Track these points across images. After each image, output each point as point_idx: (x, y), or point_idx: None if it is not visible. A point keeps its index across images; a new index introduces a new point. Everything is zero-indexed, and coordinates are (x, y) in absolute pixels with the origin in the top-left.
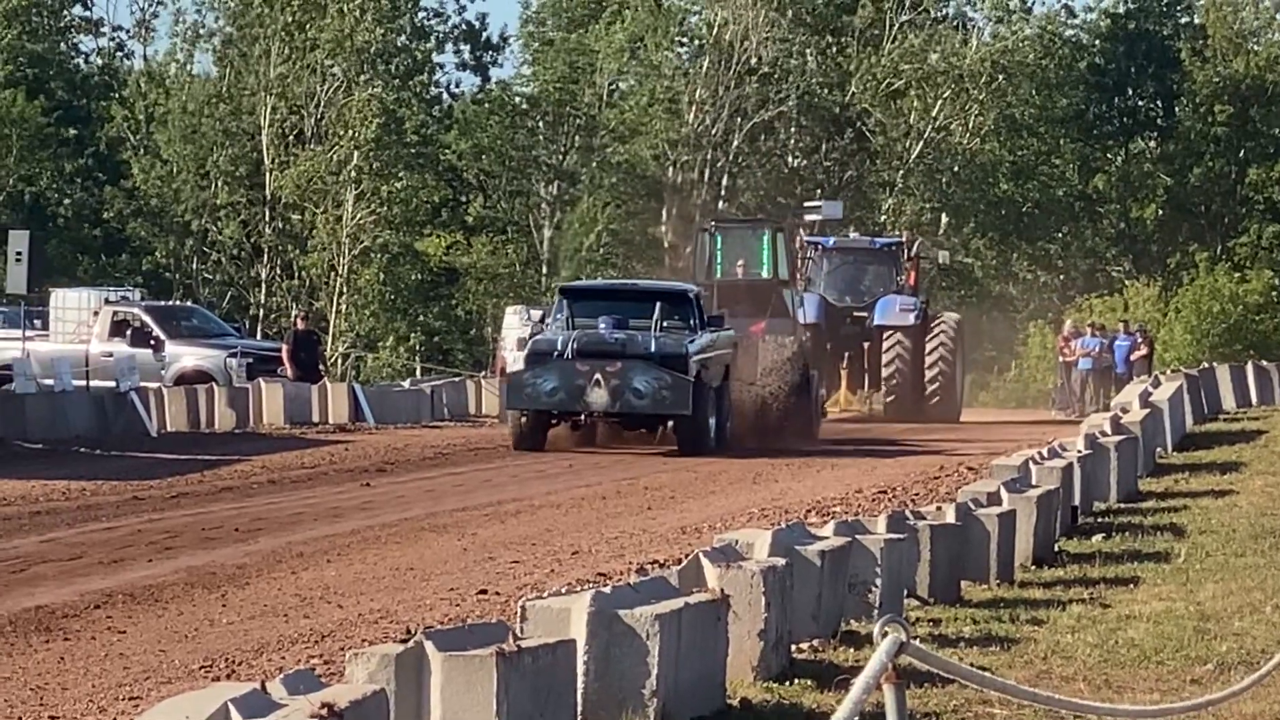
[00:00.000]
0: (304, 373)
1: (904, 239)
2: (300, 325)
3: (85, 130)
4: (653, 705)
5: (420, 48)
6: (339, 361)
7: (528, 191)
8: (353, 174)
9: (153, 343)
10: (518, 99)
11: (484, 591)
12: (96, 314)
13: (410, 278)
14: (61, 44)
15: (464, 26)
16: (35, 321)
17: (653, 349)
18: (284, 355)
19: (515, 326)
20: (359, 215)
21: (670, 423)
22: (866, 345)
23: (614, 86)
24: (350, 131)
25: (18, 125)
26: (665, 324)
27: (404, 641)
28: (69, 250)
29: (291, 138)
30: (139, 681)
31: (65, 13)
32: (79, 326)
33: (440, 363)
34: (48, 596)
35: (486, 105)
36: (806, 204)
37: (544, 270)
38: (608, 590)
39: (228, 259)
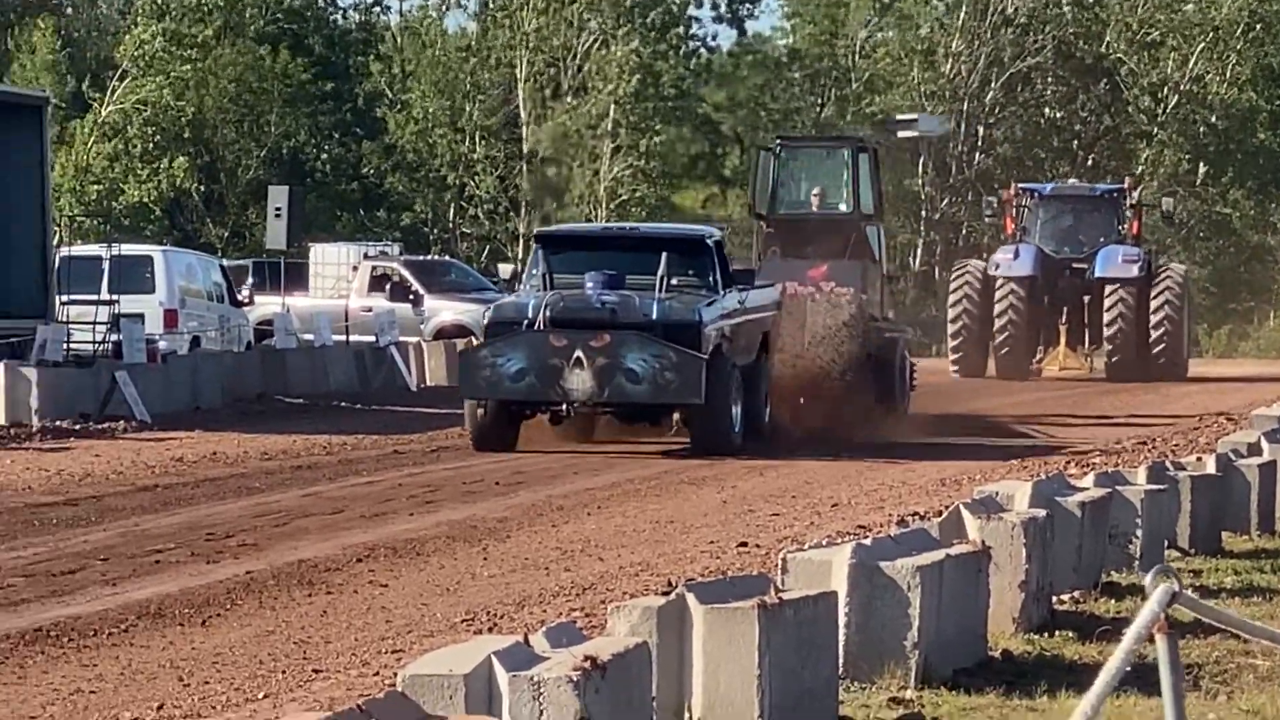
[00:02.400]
0: None
1: (1126, 185)
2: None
3: (343, 85)
4: (914, 657)
5: (676, 1)
6: None
7: None
8: (610, 127)
9: (412, 297)
10: (778, 51)
11: (744, 544)
12: (356, 269)
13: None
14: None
15: None
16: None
17: (654, 315)
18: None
19: None
20: (616, 169)
21: (678, 414)
22: (1087, 299)
23: (870, 38)
24: (609, 85)
25: (278, 81)
26: (674, 282)
27: (665, 594)
28: (328, 205)
29: (548, 92)
30: (401, 635)
31: None
32: (338, 282)
33: None
34: (310, 550)
35: (743, 58)
36: (900, 116)
37: None
38: (868, 542)
39: (485, 213)
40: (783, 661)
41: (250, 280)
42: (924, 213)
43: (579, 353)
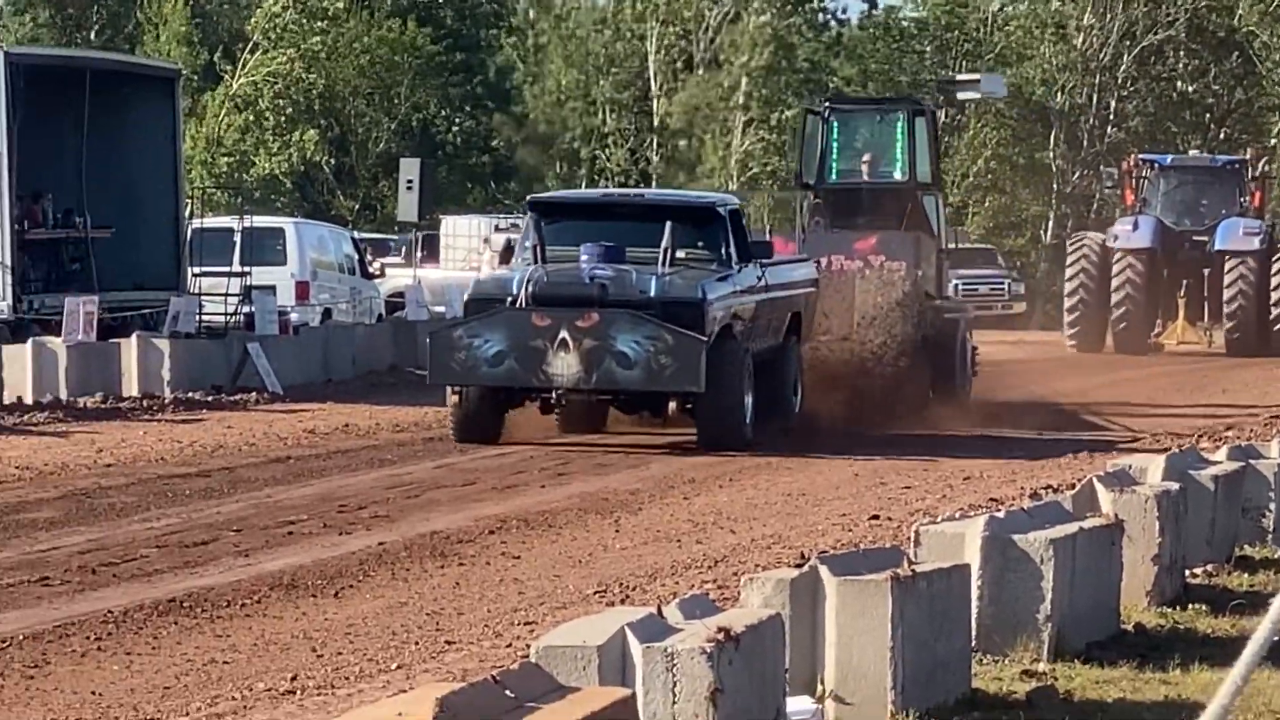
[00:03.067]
0: None
1: (1249, 156)
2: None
3: (474, 57)
4: (1047, 630)
5: None
6: None
7: None
8: (741, 100)
9: None
10: (905, 23)
11: (875, 517)
12: (486, 241)
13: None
14: None
15: None
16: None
17: (651, 292)
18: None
19: None
20: (748, 142)
21: (674, 403)
22: (1207, 272)
23: (1001, 10)
24: (741, 58)
25: (408, 53)
26: (681, 255)
27: (798, 567)
28: (458, 178)
29: (680, 64)
30: (533, 606)
31: None
32: (469, 254)
33: None
34: (442, 522)
35: (874, 30)
36: (960, 77)
37: None
38: (1001, 515)
39: (615, 185)
40: (916, 634)
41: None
42: (1055, 185)
43: (564, 334)
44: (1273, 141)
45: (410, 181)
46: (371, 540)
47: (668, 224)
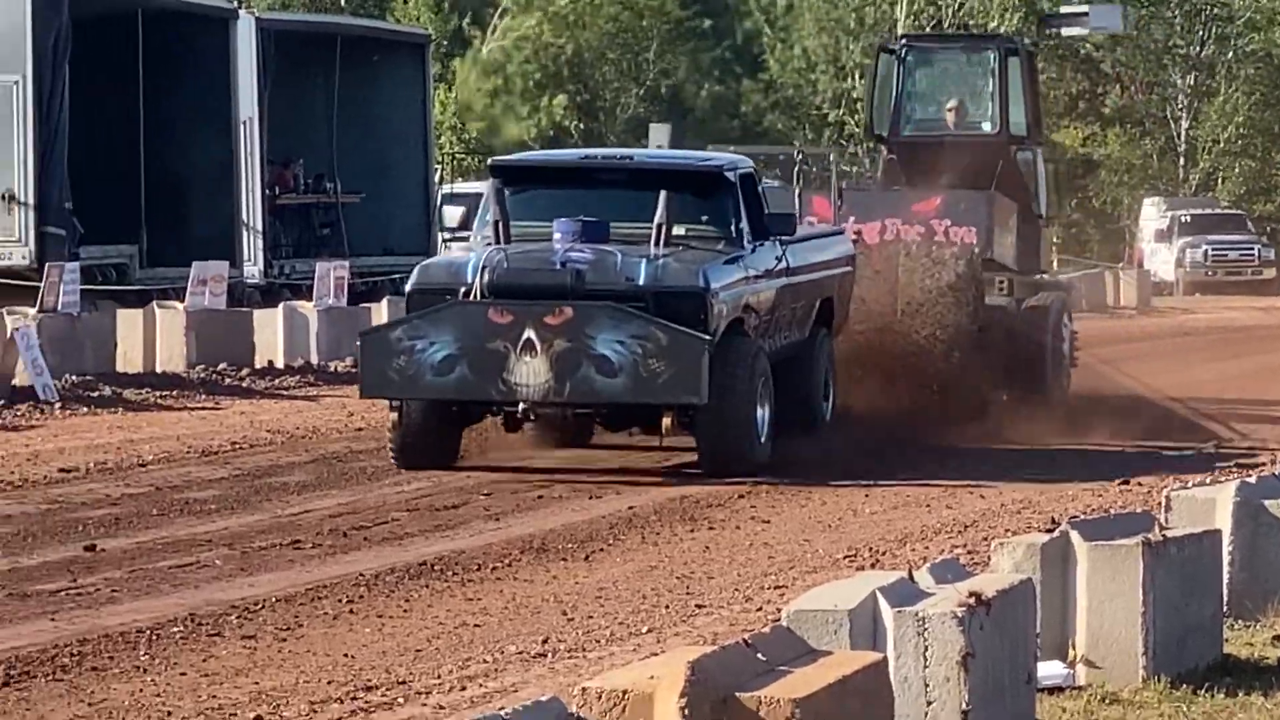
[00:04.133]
0: None
1: None
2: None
3: (722, 22)
4: None
5: None
6: None
7: (1165, 83)
8: None
9: None
10: None
11: (1126, 482)
12: None
13: (1048, 169)
14: None
15: None
16: None
17: (640, 280)
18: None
19: (1153, 218)
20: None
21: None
22: None
23: None
24: (990, 23)
25: (656, 17)
26: (681, 232)
27: (1049, 531)
28: (705, 143)
29: (929, 29)
30: (783, 570)
31: None
32: None
33: (1079, 254)
34: (693, 487)
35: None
36: (1065, 9)
37: (1180, 162)
38: (1253, 480)
39: (864, 151)
40: (1167, 598)
41: None
42: None
43: (529, 333)
44: None
45: (660, 147)
46: (621, 504)
47: (662, 193)
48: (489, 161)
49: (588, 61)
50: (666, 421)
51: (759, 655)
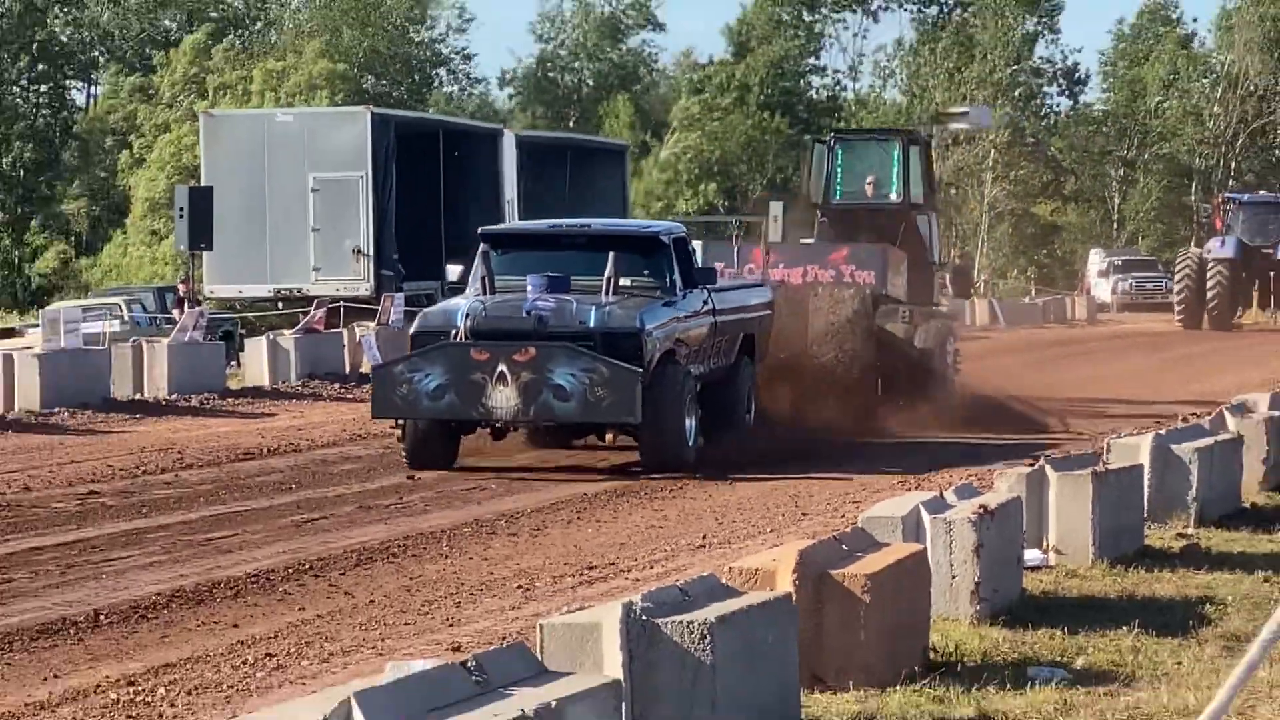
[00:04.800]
0: (959, 291)
1: None
2: (958, 261)
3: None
4: (1193, 508)
5: (1033, 83)
6: (982, 284)
7: (1103, 175)
8: (992, 164)
9: None
10: (1097, 112)
11: (1082, 434)
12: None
13: (1027, 231)
14: None
15: (1063, 68)
16: None
17: (590, 323)
18: (946, 280)
19: (1096, 262)
20: (995, 190)
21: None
22: (1272, 275)
23: (1159, 105)
24: (990, 136)
25: (774, 134)
26: (626, 283)
27: (1031, 466)
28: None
29: (950, 141)
30: (856, 492)
31: None
32: None
33: (1047, 285)
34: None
35: (1075, 117)
36: (951, 109)
37: (1114, 226)
38: (1164, 432)
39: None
40: (1107, 509)
41: None
42: (1194, 218)
43: (502, 367)
44: None
45: (775, 219)
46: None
47: (611, 254)
48: (480, 230)
49: (729, 161)
50: (610, 436)
51: (843, 546)
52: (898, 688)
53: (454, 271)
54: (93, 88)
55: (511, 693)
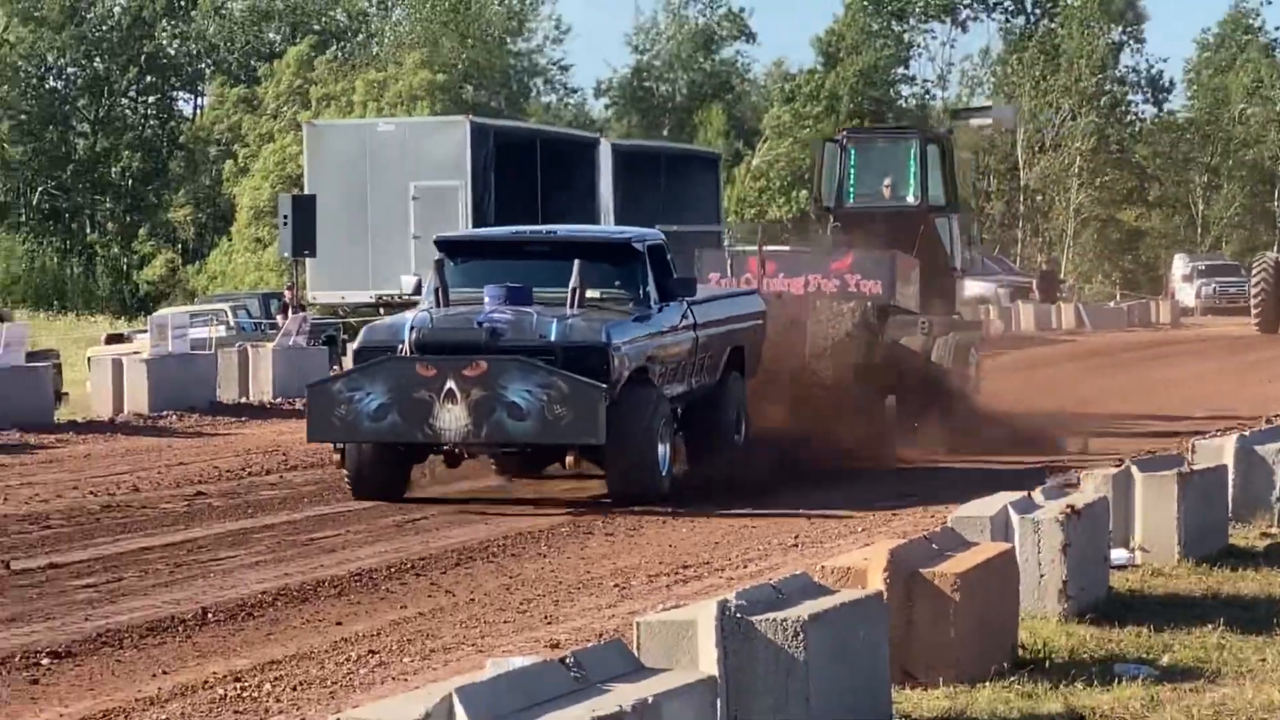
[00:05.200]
0: (1045, 296)
1: None
2: (1045, 266)
3: None
4: (1276, 508)
5: (1118, 91)
6: (1068, 289)
7: (1187, 181)
8: (1078, 171)
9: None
10: (1181, 120)
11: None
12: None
13: (1112, 236)
14: None
15: (1148, 76)
16: None
17: (551, 336)
18: (1033, 285)
19: (1180, 267)
20: (1080, 197)
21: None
22: None
23: (1244, 110)
24: (1075, 143)
25: None
26: (596, 295)
27: (1118, 467)
28: None
29: (1037, 148)
30: (942, 490)
31: None
32: None
33: (1132, 290)
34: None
35: (1159, 124)
36: (972, 105)
37: (1198, 232)
38: (1248, 433)
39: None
40: (1193, 509)
41: None
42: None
43: (450, 384)
44: None
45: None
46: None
47: (576, 262)
48: (435, 237)
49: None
50: (569, 459)
51: (933, 545)
52: (987, 684)
53: (408, 283)
54: (199, 99)
55: (609, 689)
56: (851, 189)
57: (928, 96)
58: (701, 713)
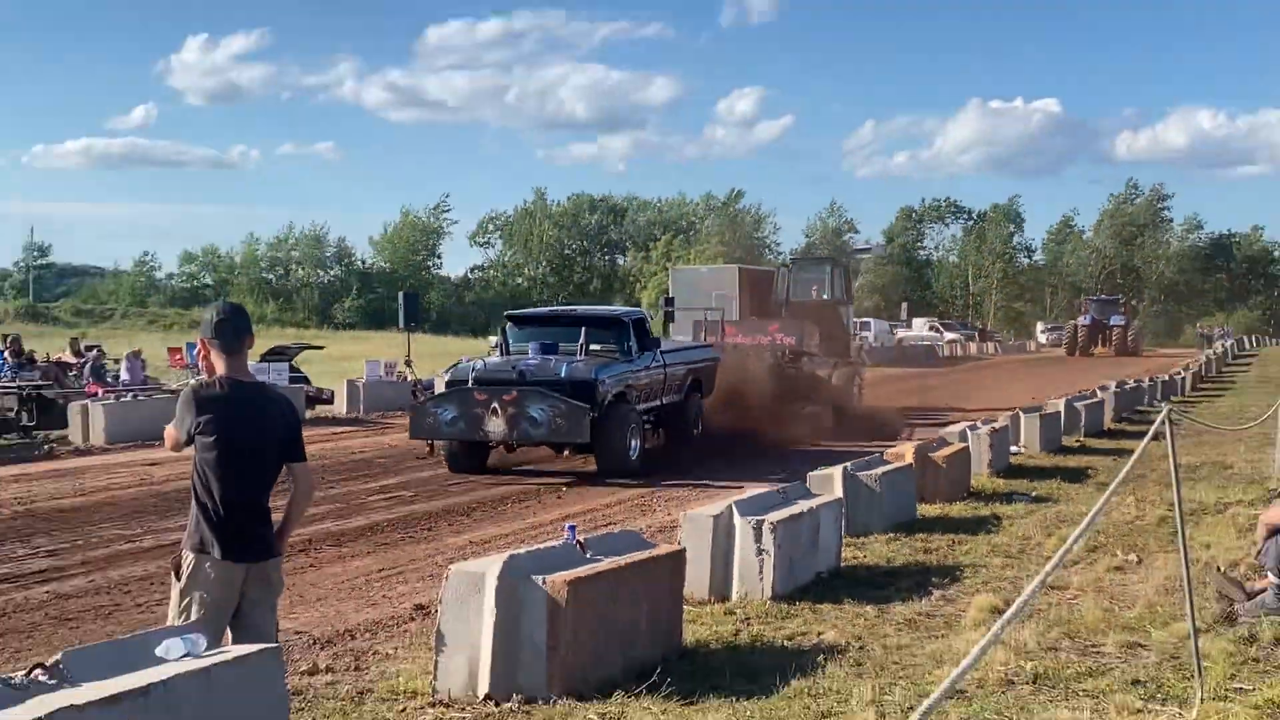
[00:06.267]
0: (984, 338)
1: None
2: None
3: None
4: (1083, 427)
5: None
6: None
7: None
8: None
9: None
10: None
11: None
12: None
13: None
14: None
15: None
16: None
17: (562, 375)
18: (978, 335)
19: (1040, 326)
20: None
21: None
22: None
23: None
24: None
25: None
26: (597, 348)
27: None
28: None
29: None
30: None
31: None
32: None
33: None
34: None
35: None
36: (863, 245)
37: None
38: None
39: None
40: (1048, 426)
41: None
42: None
43: (495, 405)
44: None
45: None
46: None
47: (582, 328)
48: (506, 313)
49: None
50: (566, 451)
51: (935, 442)
52: (958, 502)
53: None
54: None
55: (794, 503)
56: (791, 290)
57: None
58: (836, 517)
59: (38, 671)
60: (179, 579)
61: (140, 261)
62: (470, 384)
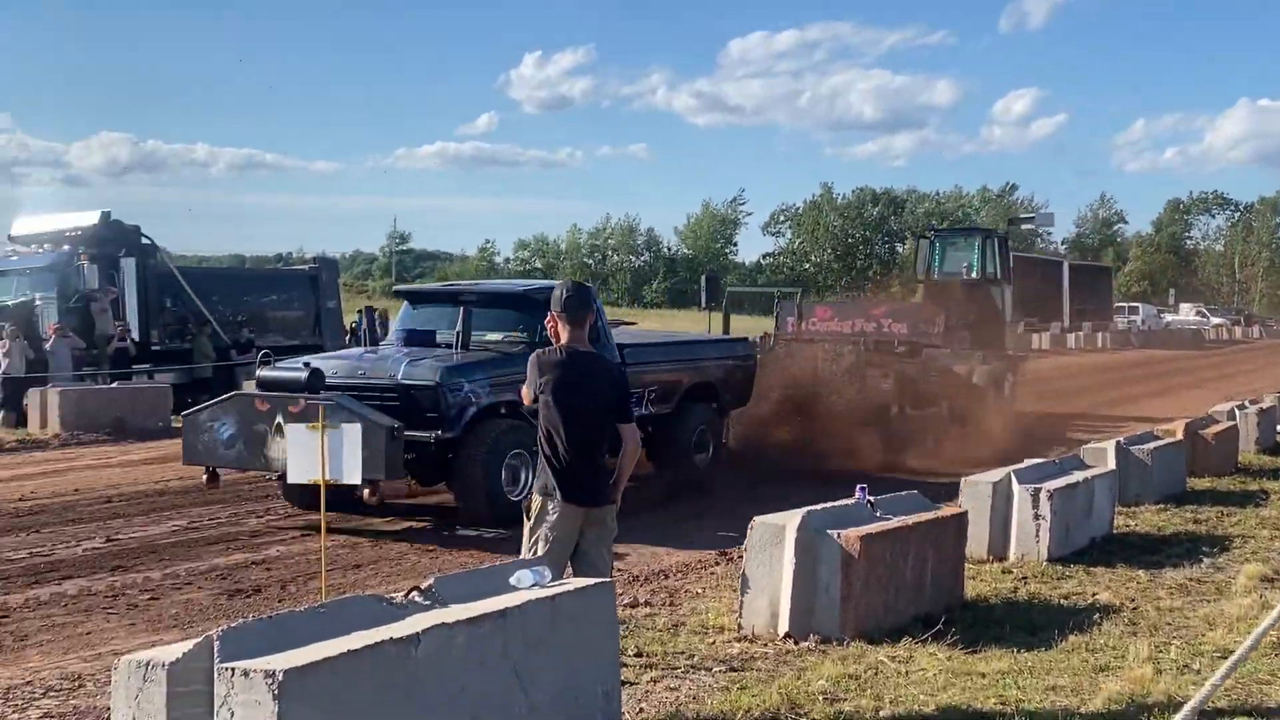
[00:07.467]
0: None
1: None
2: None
3: None
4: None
5: None
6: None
7: None
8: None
9: None
10: None
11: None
12: None
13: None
14: None
15: None
16: None
17: (398, 376)
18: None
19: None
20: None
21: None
22: None
23: None
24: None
25: None
26: (499, 337)
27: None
28: None
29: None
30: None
31: None
32: None
33: None
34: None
35: None
36: (1022, 214)
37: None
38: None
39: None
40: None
41: None
42: None
43: (279, 419)
44: None
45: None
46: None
47: (461, 309)
48: (394, 288)
49: None
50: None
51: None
52: (1229, 476)
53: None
54: None
55: (1073, 474)
56: (937, 268)
57: None
58: (1110, 488)
59: (414, 593)
60: (529, 518)
61: (482, 248)
62: (257, 387)
